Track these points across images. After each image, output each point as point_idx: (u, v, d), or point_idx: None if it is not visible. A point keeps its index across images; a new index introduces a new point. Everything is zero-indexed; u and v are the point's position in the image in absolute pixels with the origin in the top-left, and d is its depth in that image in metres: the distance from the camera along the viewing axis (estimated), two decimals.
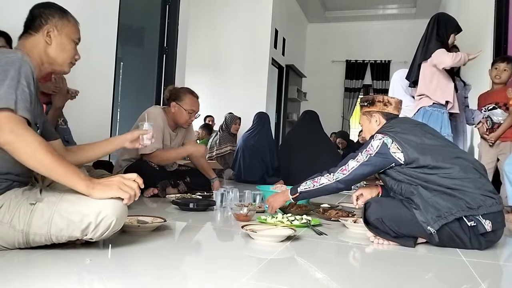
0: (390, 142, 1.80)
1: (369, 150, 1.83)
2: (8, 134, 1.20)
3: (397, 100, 2.01)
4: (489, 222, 1.60)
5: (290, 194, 1.99)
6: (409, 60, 3.37)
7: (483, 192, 1.64)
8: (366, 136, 2.03)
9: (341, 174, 1.85)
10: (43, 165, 1.24)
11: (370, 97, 2.03)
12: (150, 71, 4.70)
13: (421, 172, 1.73)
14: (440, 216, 1.61)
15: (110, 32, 3.53)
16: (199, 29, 6.60)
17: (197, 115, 2.99)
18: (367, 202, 1.80)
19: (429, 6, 7.79)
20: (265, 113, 4.87)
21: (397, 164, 1.79)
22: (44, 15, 1.49)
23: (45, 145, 1.26)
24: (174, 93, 2.94)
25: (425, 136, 1.81)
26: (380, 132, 1.87)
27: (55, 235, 1.26)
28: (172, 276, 1.19)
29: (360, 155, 1.85)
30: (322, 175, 1.91)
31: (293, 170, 4.13)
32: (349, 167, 1.85)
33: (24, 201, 1.28)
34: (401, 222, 1.66)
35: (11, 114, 1.22)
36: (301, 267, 1.41)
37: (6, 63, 1.29)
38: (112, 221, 1.26)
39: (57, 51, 1.51)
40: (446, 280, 1.36)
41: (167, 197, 2.62)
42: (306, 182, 1.94)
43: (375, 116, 1.99)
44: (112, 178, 1.34)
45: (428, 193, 1.68)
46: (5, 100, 1.21)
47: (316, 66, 9.19)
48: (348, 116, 8.99)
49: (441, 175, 1.69)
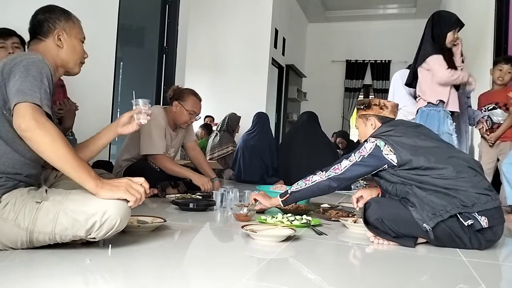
0: (383, 144, 1.83)
1: (362, 152, 1.86)
2: (30, 121, 1.23)
3: (393, 104, 2.03)
4: (485, 218, 1.61)
5: (279, 197, 2.02)
6: (409, 60, 3.35)
7: (478, 190, 1.64)
8: (362, 139, 2.04)
9: (333, 172, 1.88)
10: (58, 154, 1.26)
11: (366, 100, 2.04)
12: (150, 71, 4.70)
13: (414, 173, 1.75)
14: (435, 214, 1.62)
15: (110, 32, 3.53)
16: (199, 29, 6.60)
17: (197, 117, 2.99)
18: (367, 202, 1.80)
19: (429, 6, 7.77)
20: (265, 113, 4.86)
21: (390, 166, 1.81)
22: (51, 19, 1.52)
23: (63, 136, 1.29)
24: (178, 92, 2.95)
25: (418, 137, 1.83)
26: (373, 136, 1.90)
27: (59, 234, 1.26)
28: (172, 276, 1.19)
29: (353, 155, 1.88)
30: (315, 173, 1.93)
31: (292, 171, 4.13)
32: (342, 166, 1.87)
33: (30, 199, 1.29)
34: (400, 222, 1.67)
35: (35, 105, 1.26)
36: (301, 267, 1.41)
37: (28, 63, 1.32)
38: (116, 221, 1.27)
39: (68, 53, 1.54)
40: (446, 280, 1.36)
41: (167, 197, 2.62)
42: (297, 182, 1.97)
43: (370, 120, 2.01)
44: (120, 180, 1.35)
45: (423, 192, 1.69)
46: (30, 96, 1.25)
47: (316, 66, 9.19)
48: (348, 116, 8.99)
49: (434, 176, 1.70)
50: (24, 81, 1.27)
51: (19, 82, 1.27)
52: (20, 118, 1.24)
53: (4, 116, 1.32)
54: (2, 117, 1.32)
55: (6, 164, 1.32)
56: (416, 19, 8.39)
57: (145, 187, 1.37)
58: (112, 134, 1.75)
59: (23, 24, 1.62)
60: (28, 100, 1.25)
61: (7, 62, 1.34)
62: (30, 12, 1.56)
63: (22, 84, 1.26)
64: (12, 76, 1.29)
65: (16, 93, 1.25)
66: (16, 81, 1.27)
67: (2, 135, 1.32)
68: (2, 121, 1.32)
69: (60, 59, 1.53)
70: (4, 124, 1.32)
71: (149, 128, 2.76)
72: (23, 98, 1.25)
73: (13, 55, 1.41)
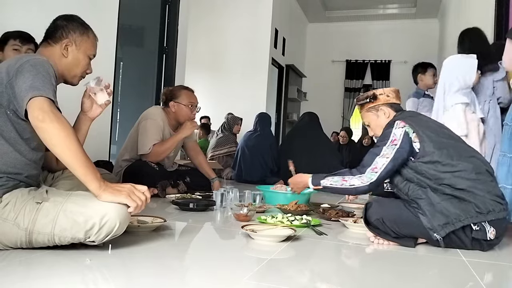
0: (411, 131, 1.72)
1: (394, 140, 1.72)
2: (49, 113, 1.25)
3: (394, 89, 1.96)
4: (493, 230, 1.58)
5: (311, 184, 1.93)
6: (409, 60, 3.32)
7: (493, 196, 1.60)
8: (377, 132, 1.94)
9: (373, 175, 1.72)
10: (71, 150, 1.26)
11: (369, 93, 1.95)
12: (150, 71, 4.70)
13: (433, 168, 1.65)
14: (448, 223, 1.58)
15: (110, 32, 3.53)
16: (199, 29, 6.60)
17: (198, 107, 2.98)
18: (368, 202, 1.78)
19: (429, 6, 7.79)
20: (267, 114, 4.87)
21: (412, 156, 1.71)
22: (66, 28, 1.54)
23: (76, 134, 1.32)
24: (168, 93, 2.96)
25: (441, 131, 1.76)
26: (400, 119, 1.78)
27: (58, 236, 1.26)
28: (172, 276, 1.19)
29: (385, 149, 1.73)
30: (353, 174, 1.77)
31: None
32: (379, 164, 1.72)
33: (30, 200, 1.29)
34: (401, 223, 1.65)
35: (50, 100, 1.28)
36: (301, 267, 1.41)
37: (35, 63, 1.34)
38: (116, 225, 1.27)
39: (70, 65, 1.55)
40: (446, 280, 1.36)
41: (167, 197, 2.62)
42: (333, 177, 1.83)
43: (382, 109, 1.91)
44: (123, 185, 1.36)
45: (437, 198, 1.62)
46: (45, 91, 1.27)
47: (316, 66, 9.19)
48: (348, 116, 8.99)
49: (454, 173, 1.63)
50: (36, 78, 1.28)
51: (31, 79, 1.28)
52: (37, 109, 1.24)
53: (8, 116, 1.33)
54: (6, 117, 1.33)
55: (7, 164, 1.33)
56: (416, 19, 8.41)
57: (146, 196, 1.37)
58: (85, 123, 1.69)
59: (23, 24, 1.62)
60: (43, 95, 1.26)
61: (12, 63, 1.35)
62: (30, 12, 1.56)
63: (34, 81, 1.28)
64: (20, 75, 1.30)
65: (30, 88, 1.26)
66: (26, 79, 1.28)
67: (5, 135, 1.33)
68: (5, 121, 1.33)
69: (61, 68, 1.53)
70: (6, 124, 1.33)
71: (146, 128, 2.76)
72: (38, 92, 1.26)
73: (17, 56, 1.42)
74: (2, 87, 1.32)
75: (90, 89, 1.63)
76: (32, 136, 1.37)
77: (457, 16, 5.98)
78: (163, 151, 2.81)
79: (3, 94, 1.32)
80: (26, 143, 1.37)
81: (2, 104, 1.32)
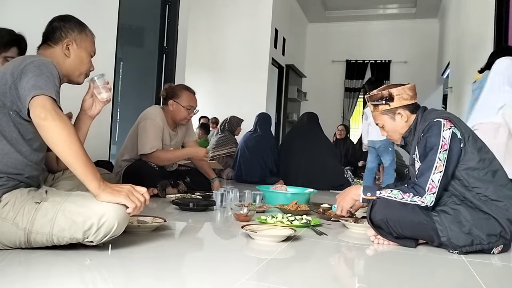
0: (459, 133, 1.62)
1: (444, 145, 1.59)
2: (51, 111, 1.25)
3: (411, 86, 1.80)
4: (501, 247, 1.60)
5: (363, 194, 1.73)
6: (409, 60, 3.31)
7: None
8: (394, 137, 1.85)
9: (432, 196, 1.59)
10: (71, 148, 1.27)
11: (385, 93, 1.78)
12: (150, 71, 4.70)
13: (473, 176, 1.59)
14: (472, 245, 1.57)
15: (110, 32, 3.52)
16: (199, 29, 6.60)
17: (196, 110, 2.98)
18: (373, 201, 1.70)
19: (429, 6, 7.79)
20: (267, 114, 4.88)
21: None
22: (64, 28, 1.55)
23: (77, 134, 1.32)
24: (170, 91, 2.94)
25: (474, 134, 1.69)
26: (444, 117, 1.66)
27: (56, 236, 1.26)
28: (172, 276, 1.19)
29: (437, 160, 1.59)
30: (417, 193, 1.61)
31: (291, 171, 4.14)
32: (435, 183, 1.60)
33: (29, 199, 1.30)
34: (405, 225, 1.63)
35: (53, 99, 1.29)
36: (301, 267, 1.41)
37: (39, 64, 1.34)
38: (114, 225, 1.27)
39: (74, 64, 1.56)
40: (446, 280, 1.36)
41: (167, 197, 2.62)
42: (392, 190, 1.67)
43: (400, 113, 1.78)
44: (123, 185, 1.36)
45: (469, 215, 1.57)
46: (47, 91, 1.28)
47: (316, 66, 9.19)
48: (348, 116, 8.98)
49: (494, 183, 1.58)
50: (39, 78, 1.29)
51: (34, 79, 1.29)
52: (39, 108, 1.25)
53: (10, 117, 1.33)
54: (8, 118, 1.33)
55: (8, 165, 1.33)
56: (416, 19, 8.40)
57: (146, 197, 1.38)
58: (86, 122, 1.68)
59: (23, 24, 1.62)
60: (45, 93, 1.27)
61: (16, 64, 1.36)
62: (30, 12, 1.56)
63: (38, 81, 1.29)
64: (24, 75, 1.31)
65: (33, 88, 1.27)
66: (30, 79, 1.29)
67: (7, 135, 1.33)
68: (8, 122, 1.33)
69: (65, 68, 1.54)
70: (9, 125, 1.33)
71: (146, 128, 2.76)
72: (40, 91, 1.27)
73: (22, 57, 1.43)
74: (6, 88, 1.32)
75: (95, 86, 1.61)
76: (35, 137, 1.37)
77: (457, 16, 5.97)
78: (163, 159, 2.82)
79: (7, 95, 1.32)
80: (28, 144, 1.38)
81: (6, 105, 1.33)
